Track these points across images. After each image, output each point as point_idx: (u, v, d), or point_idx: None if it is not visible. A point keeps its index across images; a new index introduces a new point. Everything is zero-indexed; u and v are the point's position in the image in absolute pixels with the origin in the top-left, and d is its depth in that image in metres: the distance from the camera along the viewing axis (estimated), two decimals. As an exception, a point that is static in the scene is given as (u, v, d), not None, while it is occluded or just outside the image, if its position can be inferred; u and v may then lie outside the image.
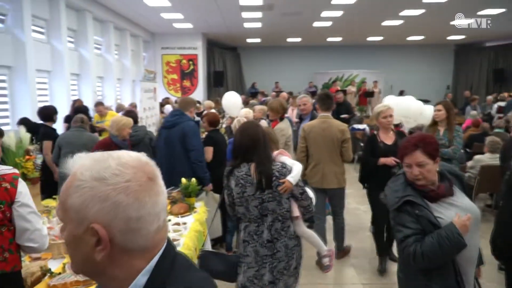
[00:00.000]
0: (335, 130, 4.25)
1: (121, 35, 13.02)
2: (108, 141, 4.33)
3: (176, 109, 4.49)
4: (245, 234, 2.66)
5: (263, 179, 2.54)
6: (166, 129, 4.30)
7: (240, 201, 2.63)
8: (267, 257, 2.59)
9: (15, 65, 7.28)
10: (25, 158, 3.62)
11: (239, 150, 2.66)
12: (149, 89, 8.37)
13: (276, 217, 2.62)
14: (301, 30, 15.54)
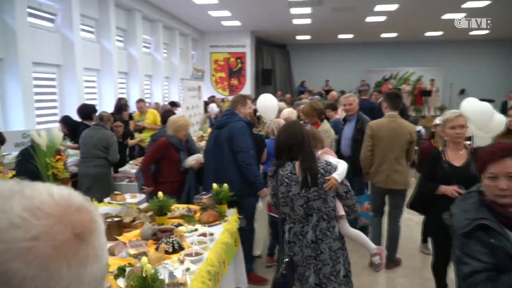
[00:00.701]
0: (405, 131, 4.14)
1: (170, 34, 13.12)
2: (165, 142, 4.13)
3: (228, 109, 4.16)
4: (290, 235, 2.64)
5: (309, 177, 2.51)
6: (216, 129, 4.02)
7: (285, 201, 2.60)
8: (311, 258, 2.56)
9: (64, 63, 7.43)
10: (56, 158, 3.53)
11: (283, 149, 2.64)
12: (192, 87, 8.25)
13: (321, 216, 2.57)
14: (353, 26, 14.90)
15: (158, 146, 4.14)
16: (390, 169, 4.12)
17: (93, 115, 5.52)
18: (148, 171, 4.12)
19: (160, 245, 2.61)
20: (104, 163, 4.75)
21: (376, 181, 4.23)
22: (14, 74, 5.96)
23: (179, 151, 4.14)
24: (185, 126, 4.23)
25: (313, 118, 4.83)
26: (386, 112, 4.33)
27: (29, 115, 6.11)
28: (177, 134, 4.18)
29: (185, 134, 4.24)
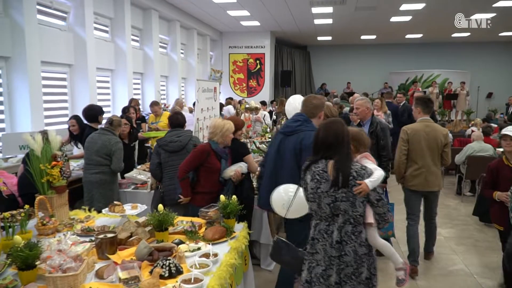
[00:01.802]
0: (439, 134, 4.25)
1: (188, 34, 12.88)
2: (206, 148, 3.81)
3: (300, 113, 3.48)
4: (315, 231, 2.60)
5: (340, 177, 2.46)
6: (283, 135, 3.45)
7: (313, 197, 2.57)
8: (335, 259, 2.51)
9: (76, 63, 7.22)
10: (51, 164, 3.24)
11: (321, 146, 2.58)
12: (208, 88, 7.92)
13: (347, 219, 2.50)
14: (376, 26, 14.39)
15: (197, 152, 3.81)
16: (427, 172, 4.22)
17: (99, 117, 5.24)
18: (185, 179, 3.80)
19: (155, 269, 2.27)
20: (107, 170, 4.44)
21: (412, 184, 4.27)
22: (21, 73, 5.76)
23: (220, 159, 3.82)
24: (231, 129, 3.91)
25: None
26: (419, 117, 4.39)
27: (36, 115, 5.90)
28: (225, 140, 3.85)
29: (231, 138, 3.92)
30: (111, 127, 4.64)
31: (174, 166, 4.06)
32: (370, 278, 2.53)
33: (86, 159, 4.50)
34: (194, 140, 4.27)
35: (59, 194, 3.29)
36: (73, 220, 3.28)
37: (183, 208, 3.96)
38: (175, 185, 3.98)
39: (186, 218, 3.33)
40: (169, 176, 4.09)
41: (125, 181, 4.71)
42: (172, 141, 4.14)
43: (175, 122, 4.30)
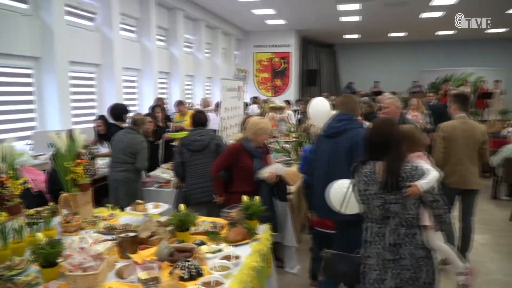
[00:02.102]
0: (477, 131, 4.22)
1: (213, 33, 12.91)
2: (238, 147, 3.76)
3: (343, 112, 3.34)
4: (368, 234, 2.53)
5: (390, 180, 2.38)
6: (328, 138, 3.28)
7: (362, 199, 2.52)
8: (389, 262, 2.42)
9: (103, 62, 7.32)
10: (75, 162, 3.26)
11: (370, 147, 2.53)
12: (232, 87, 7.89)
13: (400, 222, 2.42)
14: (406, 23, 14.02)
15: (228, 150, 3.77)
16: (465, 170, 4.19)
17: (123, 116, 5.28)
18: (218, 179, 3.76)
19: (174, 270, 2.23)
20: (132, 168, 4.48)
21: (449, 182, 4.15)
22: (51, 73, 5.87)
23: (253, 158, 3.71)
24: (266, 129, 3.78)
25: None
26: (455, 114, 4.34)
27: (64, 114, 6.01)
28: (257, 138, 3.73)
29: (264, 139, 3.80)
30: (136, 126, 4.67)
31: (197, 166, 4.04)
32: (429, 283, 2.42)
33: (112, 157, 4.57)
34: (216, 139, 4.23)
35: (83, 191, 3.30)
36: (97, 217, 3.29)
37: (206, 207, 3.93)
38: (198, 184, 3.96)
39: (208, 218, 3.29)
40: (192, 175, 4.07)
41: (149, 179, 4.75)
42: (195, 140, 4.12)
43: (198, 121, 4.28)
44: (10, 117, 5.60)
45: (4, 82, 5.51)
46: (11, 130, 5.56)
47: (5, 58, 5.42)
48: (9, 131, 5.51)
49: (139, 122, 4.68)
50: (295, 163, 5.73)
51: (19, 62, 5.68)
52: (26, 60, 5.75)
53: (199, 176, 4.01)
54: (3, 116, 5.49)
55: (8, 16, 5.34)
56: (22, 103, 5.79)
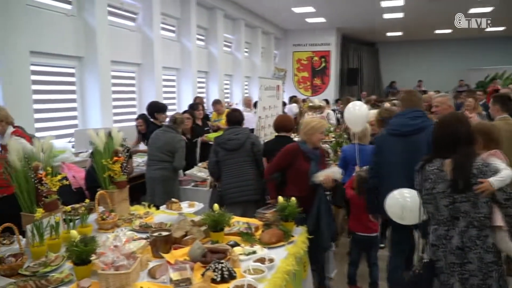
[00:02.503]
0: None
1: (252, 33, 12.88)
2: (295, 148, 3.56)
3: (415, 109, 3.19)
4: (434, 237, 2.42)
5: (460, 178, 2.26)
6: (400, 136, 3.13)
7: (429, 198, 2.41)
8: (456, 266, 2.32)
9: (143, 62, 7.44)
10: (113, 159, 3.28)
11: (437, 145, 2.44)
12: (270, 86, 7.80)
13: (470, 222, 2.28)
14: (452, 19, 13.37)
15: (284, 152, 3.57)
16: None
17: (156, 114, 5.34)
18: (272, 181, 3.60)
19: (206, 272, 2.16)
20: (169, 166, 4.49)
21: None
22: (93, 72, 6.02)
23: (309, 161, 3.46)
24: (319, 128, 3.51)
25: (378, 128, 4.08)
26: (497, 115, 4.22)
27: (106, 113, 6.14)
28: (310, 138, 3.51)
29: (319, 139, 3.57)
30: (175, 125, 4.68)
31: (232, 165, 3.98)
32: None
33: (149, 155, 4.60)
34: (252, 138, 4.15)
35: (120, 189, 3.31)
36: (133, 215, 3.29)
37: (240, 207, 3.87)
38: (233, 184, 3.89)
39: (243, 218, 3.21)
40: (227, 175, 4.02)
41: (185, 178, 4.75)
42: (230, 139, 4.05)
43: (233, 119, 4.22)
44: (54, 115, 5.79)
45: (49, 81, 5.69)
46: (55, 127, 5.74)
47: (50, 58, 5.58)
48: (53, 128, 5.70)
49: (178, 121, 4.69)
50: (334, 164, 5.57)
51: (63, 62, 5.83)
52: (70, 59, 5.91)
53: (234, 176, 3.94)
54: (48, 114, 5.69)
55: (53, 17, 5.50)
56: (65, 102, 5.98)
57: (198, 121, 6.17)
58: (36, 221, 2.39)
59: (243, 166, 3.92)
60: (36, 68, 5.36)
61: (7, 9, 4.59)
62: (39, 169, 2.53)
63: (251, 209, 3.80)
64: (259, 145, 4.12)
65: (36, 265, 2.23)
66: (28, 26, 4.93)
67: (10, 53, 4.66)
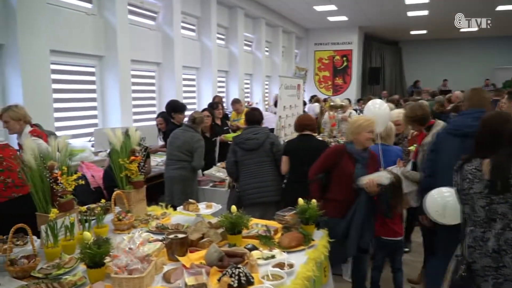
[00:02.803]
0: None
1: (273, 32, 12.77)
2: (341, 148, 3.39)
3: (480, 109, 3.00)
4: (470, 239, 2.34)
5: (498, 179, 2.17)
6: (460, 137, 2.98)
7: (466, 199, 2.36)
8: (490, 269, 2.24)
9: (163, 61, 7.43)
10: (130, 159, 3.23)
11: (478, 144, 2.37)
12: (291, 85, 7.68)
13: (507, 224, 2.20)
14: (479, 16, 12.95)
15: (330, 152, 3.42)
16: None
17: (172, 113, 5.30)
18: (315, 182, 3.35)
19: (223, 278, 2.07)
20: (188, 166, 4.43)
21: None
22: (113, 72, 6.01)
23: (355, 162, 3.23)
24: (367, 127, 3.23)
25: (417, 126, 3.84)
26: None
27: (126, 112, 6.14)
28: (357, 138, 3.26)
29: (367, 138, 3.27)
30: (194, 125, 4.62)
31: (250, 165, 3.89)
32: None
33: (168, 154, 4.55)
34: (271, 137, 4.05)
35: (137, 189, 3.26)
36: (150, 216, 3.23)
37: (259, 209, 3.77)
38: (252, 184, 3.80)
39: (262, 221, 3.11)
40: (246, 175, 3.93)
41: (204, 178, 4.68)
42: (248, 139, 3.96)
43: (252, 118, 4.13)
44: (75, 114, 5.81)
45: (69, 80, 5.70)
46: (75, 127, 5.77)
47: (71, 57, 5.61)
48: (74, 127, 5.72)
49: (197, 120, 4.62)
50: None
51: (84, 61, 5.85)
52: (90, 58, 5.93)
53: (253, 176, 3.85)
54: (69, 113, 5.71)
55: (74, 16, 5.52)
56: (86, 101, 5.99)
57: (218, 121, 6.09)
58: (51, 222, 2.35)
59: (262, 167, 3.83)
60: (56, 67, 5.37)
61: (27, 7, 4.59)
62: (54, 169, 2.49)
63: (271, 211, 3.70)
64: (278, 145, 4.02)
65: (49, 267, 2.18)
66: (48, 25, 4.92)
67: (31, 52, 4.67)
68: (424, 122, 3.77)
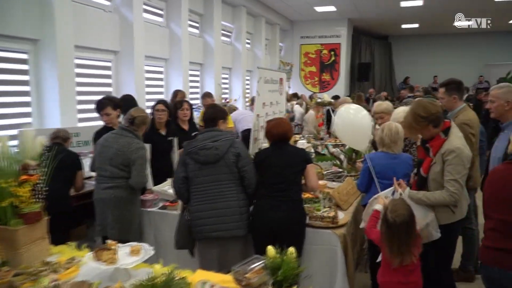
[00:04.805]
0: None
1: (255, 22, 11.73)
2: None
3: None
4: None
5: None
6: None
7: None
8: None
9: (121, 49, 6.31)
10: (19, 178, 2.15)
11: None
12: (271, 79, 6.62)
13: None
14: (475, 8, 12.13)
15: None
16: None
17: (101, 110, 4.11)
18: None
19: None
20: (124, 184, 3.28)
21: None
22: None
23: None
24: None
25: (420, 131, 2.88)
26: None
27: (68, 110, 5.02)
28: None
29: None
30: (132, 127, 3.43)
31: (205, 184, 2.80)
32: None
33: (97, 168, 3.36)
34: (237, 146, 2.91)
35: (30, 225, 2.18)
36: (48, 265, 2.15)
37: (218, 246, 2.72)
38: (206, 212, 2.74)
39: (212, 277, 2.04)
40: (198, 198, 2.84)
41: (150, 197, 3.51)
42: (204, 148, 2.85)
43: (210, 118, 3.02)
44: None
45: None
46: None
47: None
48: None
49: (138, 121, 3.45)
50: (349, 175, 4.41)
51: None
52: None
53: (209, 200, 2.77)
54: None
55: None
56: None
57: (183, 125, 4.86)
58: None
59: (222, 187, 2.77)
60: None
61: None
62: None
63: (234, 249, 2.67)
64: (246, 157, 2.92)
65: None
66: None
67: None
68: (440, 123, 2.78)
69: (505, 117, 3.10)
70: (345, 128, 3.69)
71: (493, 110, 3.15)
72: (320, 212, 3.08)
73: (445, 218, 2.73)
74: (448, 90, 3.64)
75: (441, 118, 2.79)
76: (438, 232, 2.65)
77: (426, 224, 2.58)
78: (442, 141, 2.75)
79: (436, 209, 2.72)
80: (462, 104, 3.62)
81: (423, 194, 2.70)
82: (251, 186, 2.88)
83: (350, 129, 3.64)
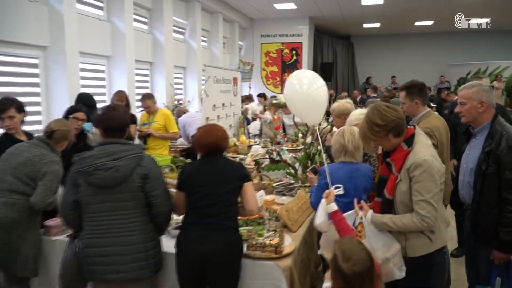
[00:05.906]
0: None
1: (212, 19, 11.13)
2: None
3: None
4: None
5: None
6: None
7: None
8: None
9: (51, 45, 5.55)
10: None
11: None
12: (223, 78, 6.08)
13: None
14: (435, 8, 12.06)
15: None
16: None
17: None
18: None
19: None
20: (22, 202, 2.64)
21: None
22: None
23: None
24: None
25: (380, 143, 2.38)
26: None
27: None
28: None
29: None
30: (50, 140, 2.86)
31: (102, 213, 2.19)
32: None
33: None
34: (146, 165, 2.28)
35: None
36: None
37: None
38: (100, 249, 2.13)
39: None
40: (91, 231, 2.23)
41: (55, 222, 2.85)
42: (101, 168, 2.20)
43: (109, 125, 2.33)
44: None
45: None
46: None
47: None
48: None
49: (57, 135, 2.87)
50: (303, 186, 3.91)
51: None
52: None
53: (103, 234, 2.17)
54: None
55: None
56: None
57: None
58: None
59: (123, 217, 2.17)
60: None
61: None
62: None
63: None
64: (156, 180, 2.30)
65: None
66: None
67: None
68: (402, 131, 2.30)
69: (477, 121, 2.64)
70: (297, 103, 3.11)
71: (465, 113, 2.67)
72: (262, 239, 2.54)
73: (420, 248, 2.19)
74: (409, 94, 3.19)
75: (402, 124, 2.30)
76: (403, 271, 2.12)
77: (386, 259, 2.06)
78: (405, 153, 2.24)
79: (407, 237, 2.19)
80: (425, 110, 3.20)
81: (389, 218, 2.19)
82: (161, 215, 2.29)
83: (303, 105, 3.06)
